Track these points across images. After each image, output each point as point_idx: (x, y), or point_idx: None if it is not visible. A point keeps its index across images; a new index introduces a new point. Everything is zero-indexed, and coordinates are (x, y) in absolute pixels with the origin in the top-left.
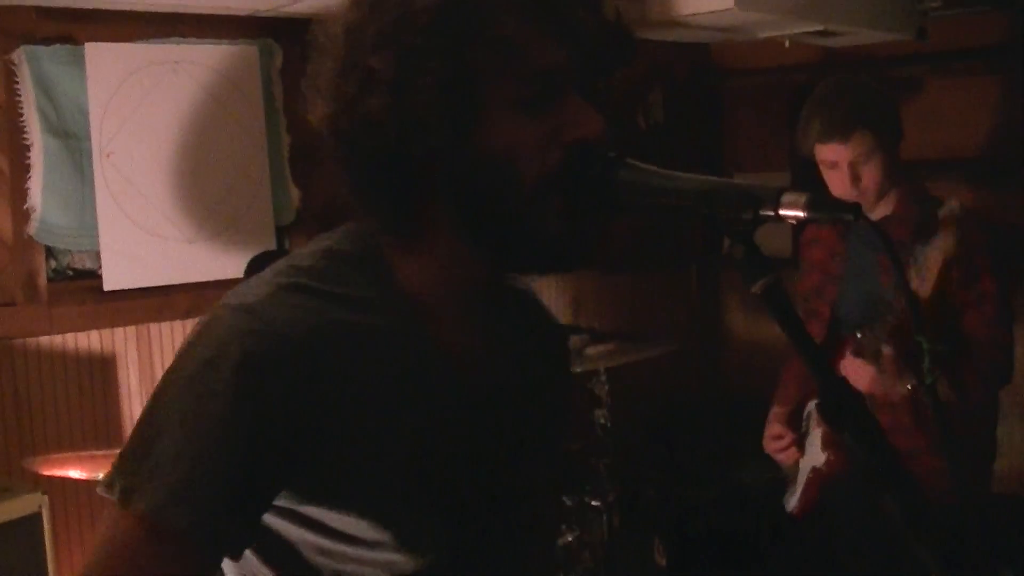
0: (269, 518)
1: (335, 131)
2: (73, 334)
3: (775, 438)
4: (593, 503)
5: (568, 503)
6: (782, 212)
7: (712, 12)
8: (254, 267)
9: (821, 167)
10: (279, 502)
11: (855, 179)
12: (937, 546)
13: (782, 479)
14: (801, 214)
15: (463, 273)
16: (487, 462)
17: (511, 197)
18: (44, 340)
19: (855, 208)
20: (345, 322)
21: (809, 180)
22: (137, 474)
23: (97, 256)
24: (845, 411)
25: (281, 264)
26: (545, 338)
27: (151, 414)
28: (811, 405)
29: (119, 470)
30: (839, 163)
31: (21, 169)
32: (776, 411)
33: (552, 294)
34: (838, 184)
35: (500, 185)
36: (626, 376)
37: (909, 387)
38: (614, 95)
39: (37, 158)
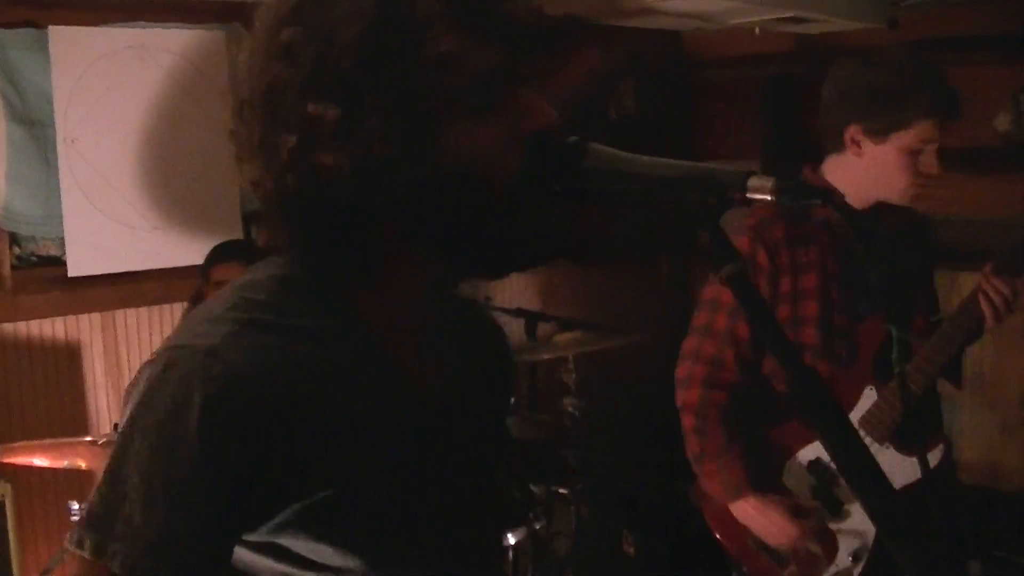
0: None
1: (280, 190)
2: (38, 321)
3: (799, 511)
4: (561, 492)
5: (535, 491)
6: (749, 196)
7: None
8: (216, 256)
9: (898, 148)
10: (248, 536)
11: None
12: (907, 540)
13: None
14: (768, 197)
15: (421, 295)
16: (448, 482)
17: (484, 205)
18: (8, 328)
19: (824, 193)
20: (306, 357)
21: (779, 168)
22: (109, 529)
23: (62, 243)
24: (814, 401)
25: (234, 296)
26: (489, 344)
27: (118, 465)
28: (805, 453)
29: (89, 525)
30: (930, 144)
31: None
32: (757, 499)
33: (521, 283)
34: (925, 165)
35: (471, 197)
36: (596, 366)
37: None
38: (575, 81)
39: (1, 145)
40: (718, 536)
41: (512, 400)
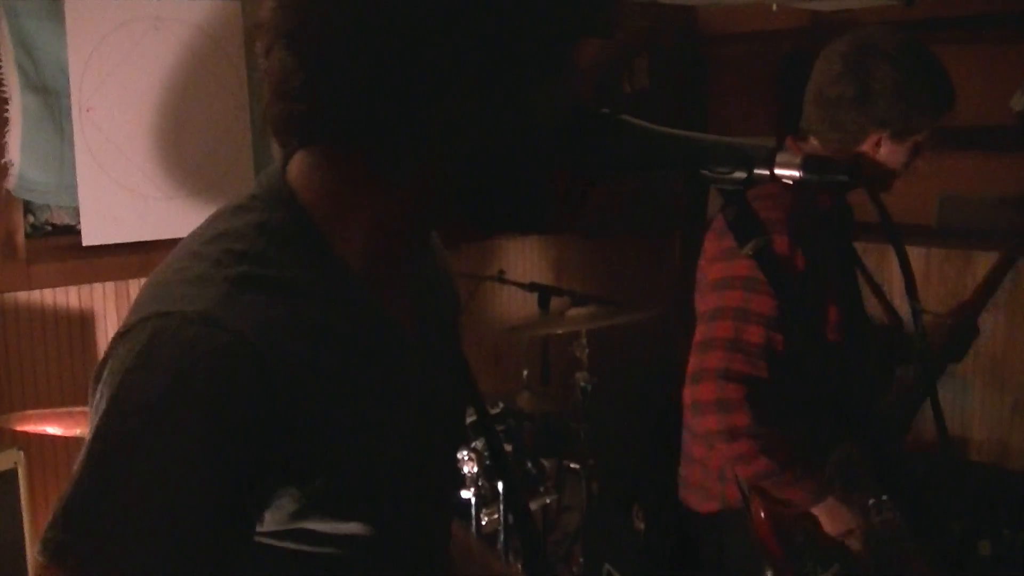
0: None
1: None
2: (52, 290)
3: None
4: (572, 466)
5: (546, 465)
6: (777, 172)
7: None
8: None
9: (910, 146)
10: (258, 527)
11: None
12: (920, 513)
13: None
14: (796, 174)
15: (401, 232)
16: (435, 426)
17: (528, 160)
18: (22, 296)
19: (852, 168)
20: (302, 314)
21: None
22: (100, 536)
23: (76, 212)
24: (836, 380)
25: (211, 248)
26: (445, 288)
27: (103, 458)
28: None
29: (71, 530)
30: (927, 140)
31: None
32: (842, 492)
33: (535, 256)
34: (923, 159)
35: (523, 148)
36: (609, 341)
37: None
38: (590, 56)
39: (15, 113)
40: (769, 538)
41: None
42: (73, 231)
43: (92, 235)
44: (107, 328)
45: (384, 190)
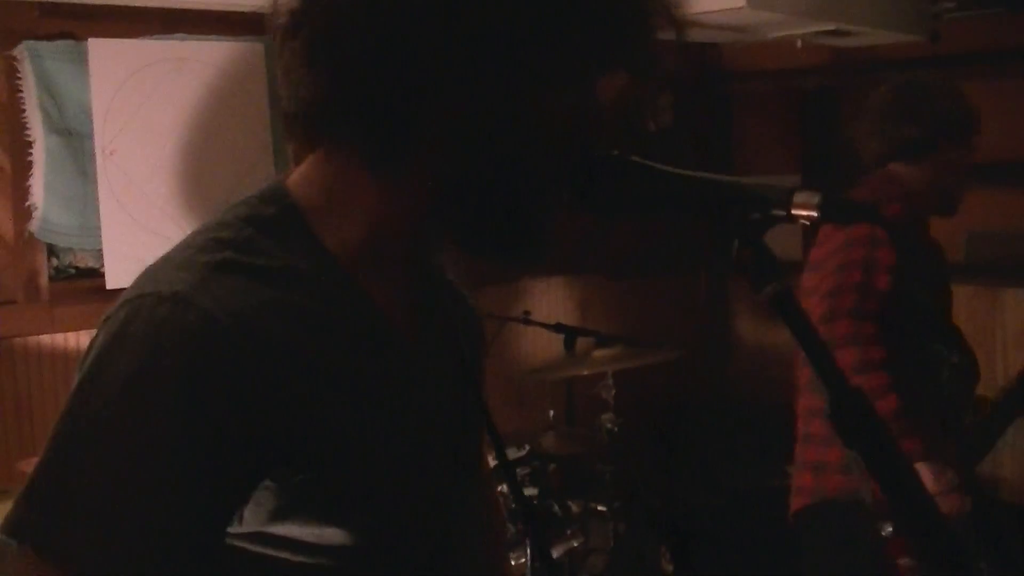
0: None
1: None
2: (75, 333)
3: None
4: (599, 508)
5: (573, 508)
6: (794, 212)
7: (723, 11)
8: None
9: (966, 144)
10: (238, 528)
11: None
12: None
13: (787, 486)
14: (814, 215)
15: (394, 232)
16: (431, 435)
17: (528, 180)
18: (45, 339)
19: (872, 209)
20: (286, 301)
21: (820, 182)
22: (65, 520)
23: (99, 255)
24: (858, 424)
25: (199, 238)
26: (463, 314)
27: (70, 439)
28: None
29: (33, 508)
30: None
31: (23, 167)
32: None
33: (560, 296)
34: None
35: (525, 166)
36: (634, 381)
37: None
38: (614, 93)
39: (39, 156)
40: None
41: (482, 363)
42: (97, 274)
43: (116, 278)
44: None
45: (378, 187)
